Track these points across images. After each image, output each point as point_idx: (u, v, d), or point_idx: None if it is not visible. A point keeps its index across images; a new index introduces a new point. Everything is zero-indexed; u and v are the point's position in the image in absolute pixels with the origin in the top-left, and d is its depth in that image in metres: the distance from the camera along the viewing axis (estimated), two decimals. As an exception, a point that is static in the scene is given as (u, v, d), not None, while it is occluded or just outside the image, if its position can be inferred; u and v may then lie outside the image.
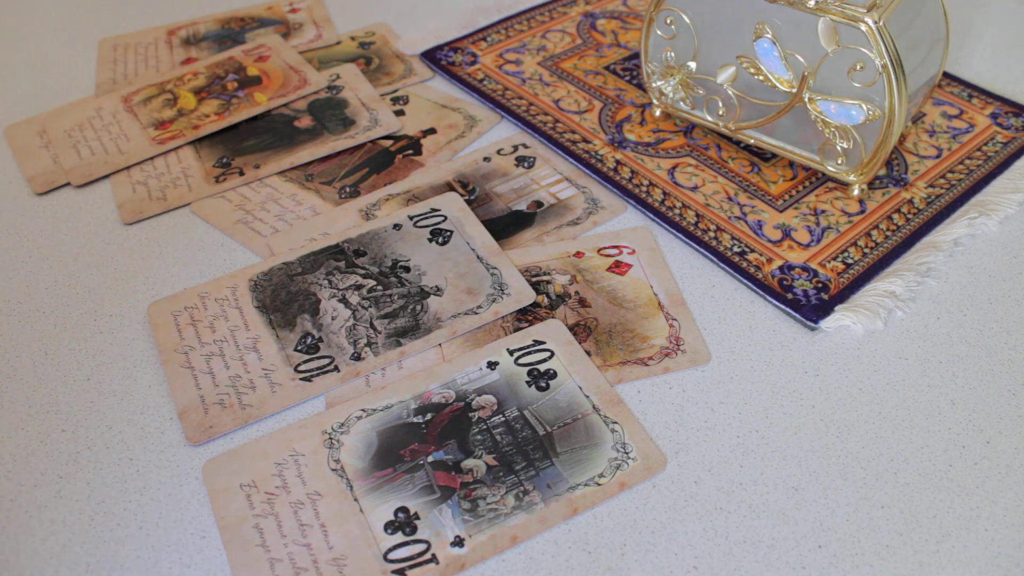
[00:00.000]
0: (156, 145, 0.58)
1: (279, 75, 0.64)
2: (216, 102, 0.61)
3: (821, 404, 0.42)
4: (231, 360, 0.44)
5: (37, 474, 0.40)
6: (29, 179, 0.56)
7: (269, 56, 0.66)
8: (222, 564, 0.36)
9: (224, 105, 0.61)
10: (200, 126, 0.59)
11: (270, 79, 0.63)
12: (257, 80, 0.63)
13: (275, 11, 0.72)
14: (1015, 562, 0.36)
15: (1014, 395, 0.42)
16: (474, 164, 0.56)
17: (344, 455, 0.40)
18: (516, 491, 0.38)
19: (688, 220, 0.51)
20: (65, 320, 0.47)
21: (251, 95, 0.62)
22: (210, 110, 0.61)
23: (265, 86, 0.63)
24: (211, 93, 0.62)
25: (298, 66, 0.64)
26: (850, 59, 0.46)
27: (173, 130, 0.59)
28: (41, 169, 0.57)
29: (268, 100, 0.61)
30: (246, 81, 0.63)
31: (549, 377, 0.42)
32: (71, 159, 0.57)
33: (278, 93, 0.62)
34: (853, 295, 0.46)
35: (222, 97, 0.62)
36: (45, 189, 0.55)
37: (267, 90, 0.62)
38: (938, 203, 0.52)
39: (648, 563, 0.36)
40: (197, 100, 0.62)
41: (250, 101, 0.61)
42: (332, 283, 0.47)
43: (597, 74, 0.63)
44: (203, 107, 0.61)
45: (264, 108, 0.60)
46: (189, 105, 0.61)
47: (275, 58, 0.65)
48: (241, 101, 0.61)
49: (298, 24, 0.70)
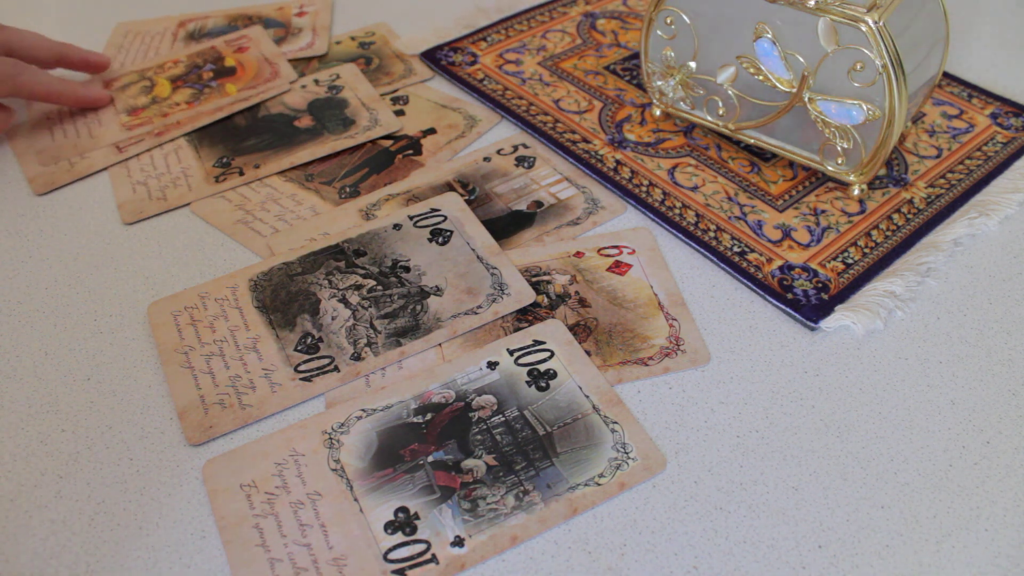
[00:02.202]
0: (124, 131, 0.58)
1: (253, 67, 0.63)
2: (189, 91, 0.61)
3: (821, 404, 0.42)
4: (231, 360, 0.44)
5: (37, 474, 0.40)
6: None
7: (248, 47, 0.65)
8: (222, 564, 0.36)
9: (195, 94, 0.61)
10: (169, 114, 0.59)
11: (244, 70, 0.63)
12: (232, 71, 0.63)
13: (284, 12, 0.71)
14: (1015, 562, 0.36)
15: (1014, 395, 0.42)
16: (474, 164, 0.56)
17: (344, 455, 0.40)
18: (516, 491, 0.38)
19: (688, 220, 0.51)
20: (65, 320, 0.47)
21: (223, 86, 0.61)
22: (182, 99, 0.61)
23: (238, 77, 0.62)
24: (186, 82, 0.62)
25: (273, 59, 0.64)
26: (850, 59, 0.46)
27: (143, 117, 0.59)
28: (20, 150, 0.57)
29: (237, 91, 0.61)
30: (221, 71, 0.63)
31: (549, 377, 0.42)
32: (44, 141, 0.58)
33: (248, 85, 0.62)
34: (853, 295, 0.46)
35: (195, 86, 0.62)
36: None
37: (239, 81, 0.62)
38: (938, 203, 0.52)
39: (648, 563, 0.36)
40: (172, 88, 0.62)
41: (220, 92, 0.61)
42: (332, 283, 0.47)
43: (597, 74, 0.63)
44: (176, 95, 0.61)
45: (232, 99, 0.60)
46: (163, 93, 0.61)
47: (253, 49, 0.65)
48: (212, 91, 0.61)
49: (298, 29, 0.69)
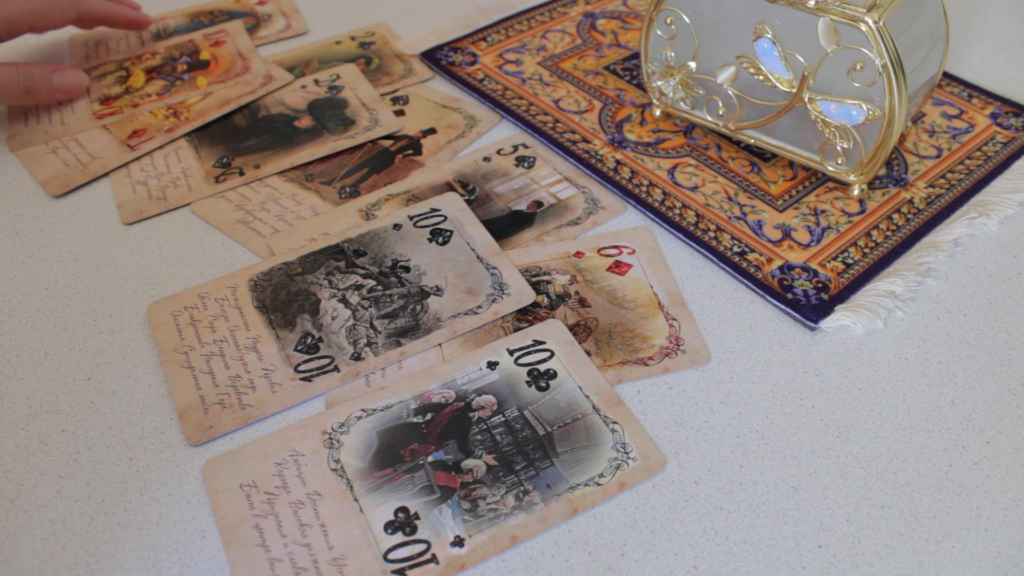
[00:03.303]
0: (93, 120, 0.59)
1: (226, 61, 0.64)
2: (162, 82, 0.62)
3: (821, 404, 0.42)
4: (231, 360, 0.44)
5: (37, 474, 0.40)
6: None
7: (224, 42, 0.66)
8: (222, 564, 0.36)
9: (167, 86, 0.62)
10: (140, 104, 0.60)
11: (217, 64, 0.64)
12: (205, 64, 0.64)
13: (243, 3, 0.73)
14: (1015, 562, 0.36)
15: (1014, 395, 0.42)
16: (474, 164, 0.56)
17: (344, 455, 0.40)
18: (516, 491, 0.38)
19: (688, 220, 0.51)
20: (65, 320, 0.47)
21: (195, 79, 0.62)
22: (153, 90, 0.61)
23: (210, 71, 0.63)
24: (161, 73, 0.63)
25: (247, 54, 0.65)
26: (850, 59, 0.46)
27: (114, 106, 0.60)
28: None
29: (208, 85, 0.62)
30: (195, 64, 0.64)
31: (549, 377, 0.42)
32: (18, 127, 0.59)
33: (218, 79, 0.62)
34: (853, 295, 0.46)
35: (168, 78, 0.62)
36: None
37: (211, 75, 0.63)
38: (938, 203, 0.52)
39: (648, 563, 0.36)
40: (146, 79, 0.62)
41: (191, 85, 0.62)
42: (332, 283, 0.47)
43: (597, 74, 0.63)
44: (149, 86, 0.62)
45: (202, 92, 0.61)
46: (137, 83, 0.62)
47: (229, 44, 0.66)
48: (184, 84, 0.62)
49: (267, 15, 0.71)
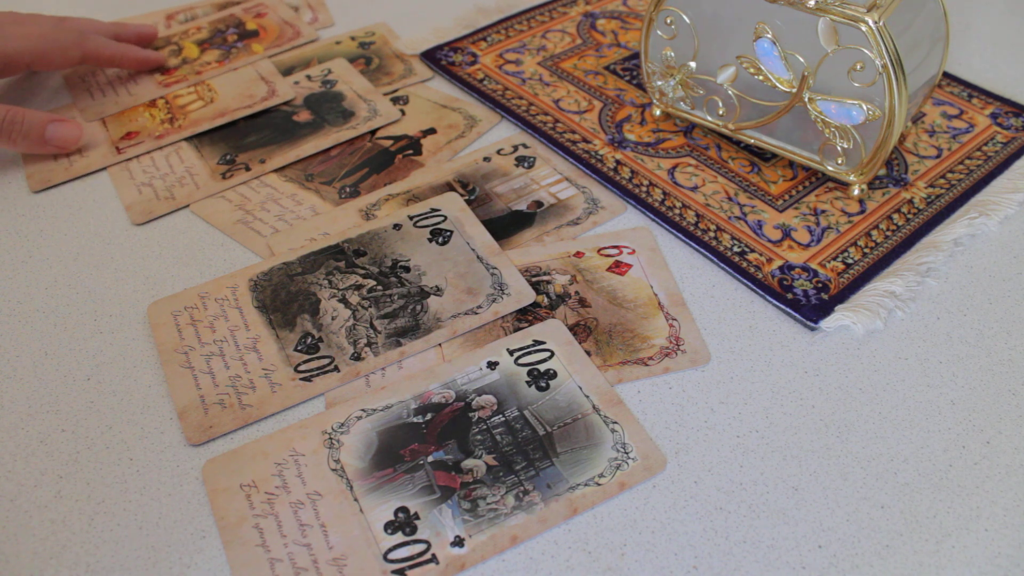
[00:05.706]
0: (162, 88, 0.63)
1: (275, 29, 0.69)
2: (217, 52, 0.66)
3: (821, 404, 0.42)
4: (231, 360, 0.44)
5: (37, 474, 0.40)
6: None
7: (267, 13, 0.71)
8: (222, 564, 0.36)
9: (224, 55, 0.66)
10: (203, 71, 0.64)
11: (267, 32, 0.69)
12: (255, 33, 0.68)
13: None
14: (1015, 562, 0.36)
15: (1014, 395, 0.42)
16: (474, 164, 0.56)
17: (344, 455, 0.40)
18: (516, 491, 0.38)
19: (688, 220, 0.51)
20: (65, 320, 0.47)
21: (249, 46, 0.67)
22: (212, 59, 0.65)
23: (262, 38, 0.68)
24: (212, 44, 0.67)
25: (292, 21, 0.70)
26: (850, 59, 0.46)
27: (178, 75, 0.64)
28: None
29: (264, 50, 0.66)
30: (245, 34, 0.68)
31: (549, 377, 0.42)
32: (84, 100, 0.62)
33: (273, 44, 0.67)
34: (853, 295, 0.46)
35: (223, 48, 0.66)
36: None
37: (264, 41, 0.67)
38: (938, 203, 0.52)
39: (648, 563, 0.36)
40: (200, 51, 0.66)
41: (248, 51, 0.66)
42: (332, 283, 0.47)
43: (597, 74, 0.63)
44: (205, 56, 0.66)
45: (260, 57, 0.66)
46: (192, 54, 0.66)
47: (271, 15, 0.71)
48: (240, 51, 0.66)
49: (294, 7, 0.73)
